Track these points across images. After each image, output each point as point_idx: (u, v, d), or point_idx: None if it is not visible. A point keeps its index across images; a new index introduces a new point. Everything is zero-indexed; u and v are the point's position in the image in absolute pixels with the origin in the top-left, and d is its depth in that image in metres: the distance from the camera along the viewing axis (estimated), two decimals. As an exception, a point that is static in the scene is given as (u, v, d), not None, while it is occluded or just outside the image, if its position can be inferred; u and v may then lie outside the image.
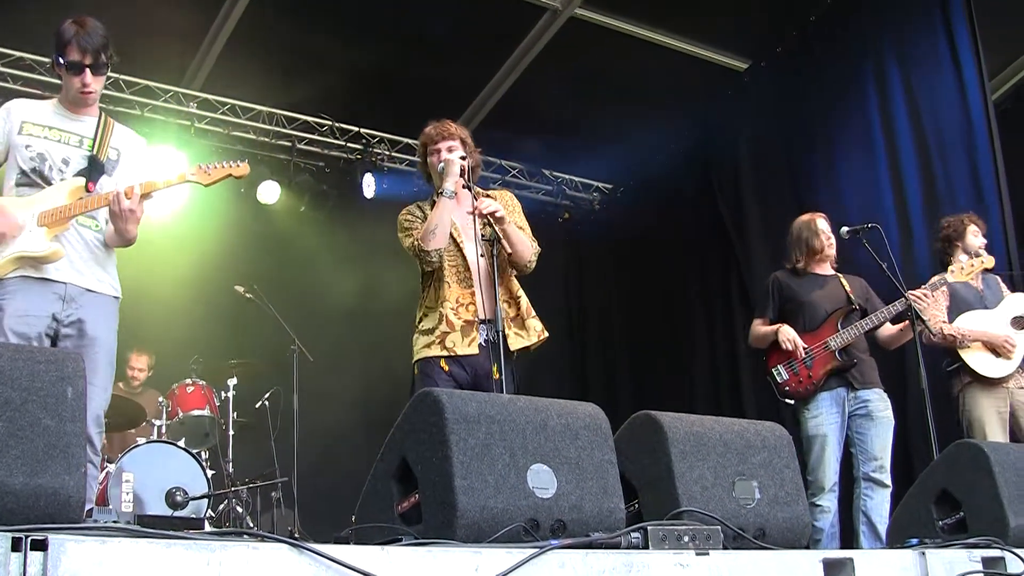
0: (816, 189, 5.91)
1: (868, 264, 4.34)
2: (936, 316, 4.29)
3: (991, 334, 4.27)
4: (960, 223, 4.55)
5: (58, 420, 1.67)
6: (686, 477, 2.28)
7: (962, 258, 4.32)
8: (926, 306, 4.11)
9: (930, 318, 4.19)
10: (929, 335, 4.21)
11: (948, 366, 4.39)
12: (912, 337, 4.01)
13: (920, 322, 4.02)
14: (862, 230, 4.25)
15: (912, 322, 3.99)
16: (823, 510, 3.98)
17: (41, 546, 1.30)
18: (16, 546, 1.30)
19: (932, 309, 4.24)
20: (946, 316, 4.35)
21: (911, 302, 4.01)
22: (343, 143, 7.05)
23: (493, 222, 3.29)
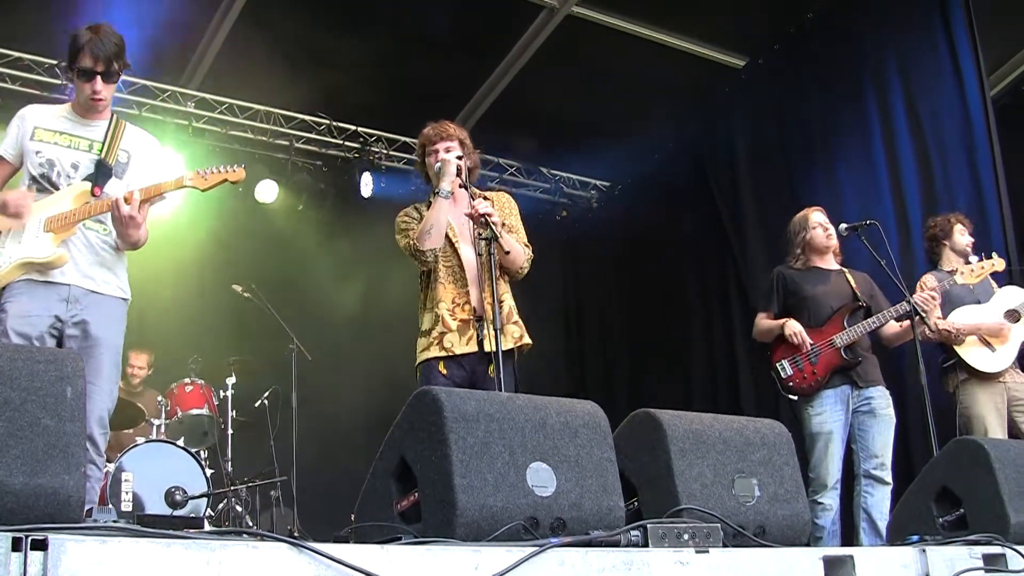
0: (814, 186, 5.90)
1: (866, 262, 4.34)
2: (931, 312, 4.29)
3: (986, 324, 4.27)
4: (947, 222, 4.56)
5: (57, 420, 1.67)
6: (685, 475, 2.28)
7: (972, 259, 4.31)
8: (933, 307, 4.11)
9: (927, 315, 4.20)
10: (926, 331, 4.21)
11: (944, 362, 4.39)
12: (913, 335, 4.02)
13: (922, 322, 4.02)
14: (860, 227, 4.24)
15: (912, 322, 3.98)
16: (825, 508, 3.97)
17: (41, 546, 1.31)
18: (16, 546, 1.30)
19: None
20: (940, 312, 4.35)
21: (920, 304, 3.99)
22: (341, 142, 7.05)
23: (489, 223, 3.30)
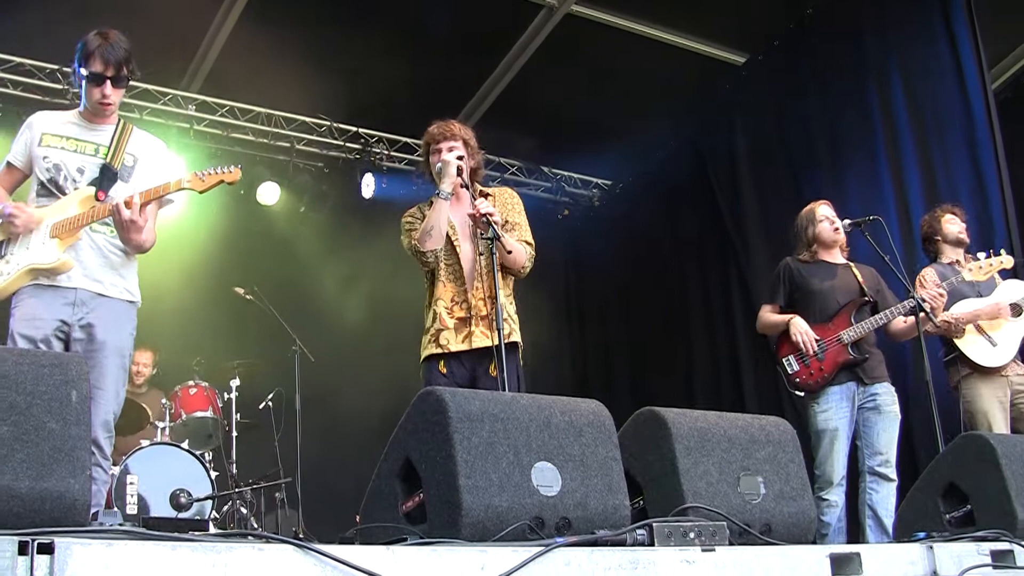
0: (815, 183, 5.89)
1: (870, 258, 4.33)
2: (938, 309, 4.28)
3: (983, 309, 4.24)
4: (933, 217, 4.56)
5: (63, 423, 1.67)
6: (691, 473, 2.27)
7: (980, 256, 4.29)
8: (940, 304, 4.10)
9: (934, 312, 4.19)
10: (929, 326, 4.19)
11: (944, 356, 4.38)
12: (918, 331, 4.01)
13: (927, 318, 4.01)
14: (864, 222, 4.22)
15: (917, 317, 3.97)
16: (830, 504, 3.96)
17: (48, 549, 1.31)
18: (23, 549, 1.30)
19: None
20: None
21: (928, 301, 3.98)
22: (342, 143, 7.05)
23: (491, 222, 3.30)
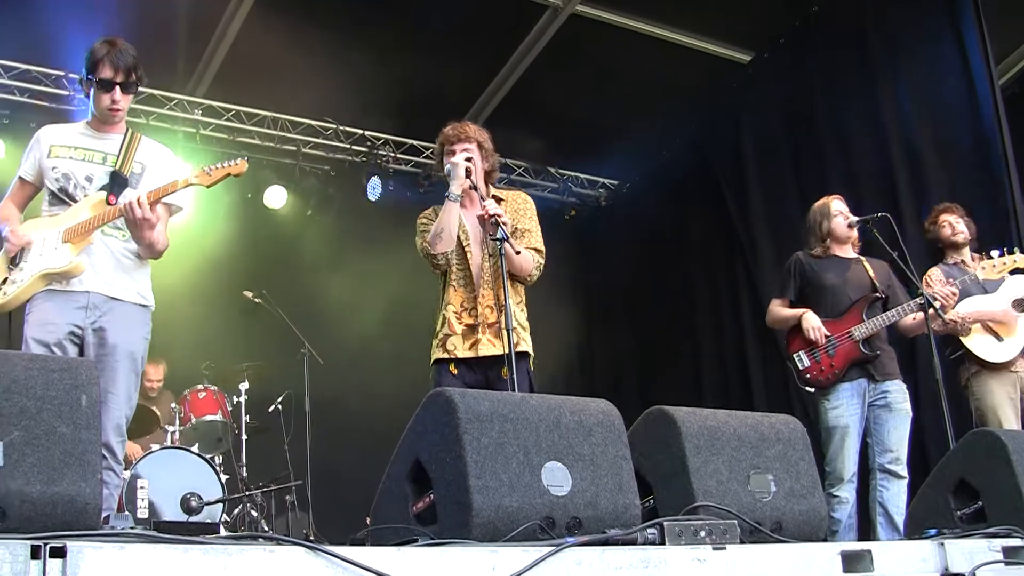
0: (822, 180, 5.85)
1: (877, 255, 4.31)
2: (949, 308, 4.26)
3: (990, 311, 4.22)
4: (932, 223, 4.56)
5: (73, 428, 1.68)
6: (701, 472, 2.27)
7: (993, 254, 4.26)
8: (952, 304, 4.08)
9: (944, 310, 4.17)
10: (938, 324, 4.17)
11: (951, 354, 4.35)
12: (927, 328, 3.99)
13: (937, 316, 3.99)
14: (872, 220, 4.21)
15: (926, 315, 3.95)
16: (841, 501, 3.94)
17: (60, 553, 1.31)
18: (36, 553, 1.30)
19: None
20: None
21: (940, 300, 3.96)
22: (348, 146, 7.06)
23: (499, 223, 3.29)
